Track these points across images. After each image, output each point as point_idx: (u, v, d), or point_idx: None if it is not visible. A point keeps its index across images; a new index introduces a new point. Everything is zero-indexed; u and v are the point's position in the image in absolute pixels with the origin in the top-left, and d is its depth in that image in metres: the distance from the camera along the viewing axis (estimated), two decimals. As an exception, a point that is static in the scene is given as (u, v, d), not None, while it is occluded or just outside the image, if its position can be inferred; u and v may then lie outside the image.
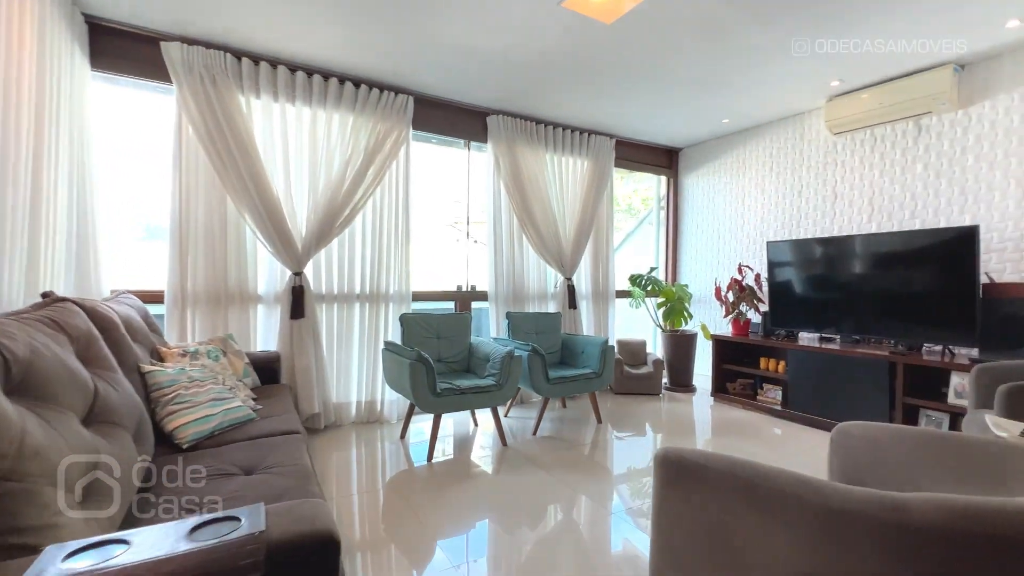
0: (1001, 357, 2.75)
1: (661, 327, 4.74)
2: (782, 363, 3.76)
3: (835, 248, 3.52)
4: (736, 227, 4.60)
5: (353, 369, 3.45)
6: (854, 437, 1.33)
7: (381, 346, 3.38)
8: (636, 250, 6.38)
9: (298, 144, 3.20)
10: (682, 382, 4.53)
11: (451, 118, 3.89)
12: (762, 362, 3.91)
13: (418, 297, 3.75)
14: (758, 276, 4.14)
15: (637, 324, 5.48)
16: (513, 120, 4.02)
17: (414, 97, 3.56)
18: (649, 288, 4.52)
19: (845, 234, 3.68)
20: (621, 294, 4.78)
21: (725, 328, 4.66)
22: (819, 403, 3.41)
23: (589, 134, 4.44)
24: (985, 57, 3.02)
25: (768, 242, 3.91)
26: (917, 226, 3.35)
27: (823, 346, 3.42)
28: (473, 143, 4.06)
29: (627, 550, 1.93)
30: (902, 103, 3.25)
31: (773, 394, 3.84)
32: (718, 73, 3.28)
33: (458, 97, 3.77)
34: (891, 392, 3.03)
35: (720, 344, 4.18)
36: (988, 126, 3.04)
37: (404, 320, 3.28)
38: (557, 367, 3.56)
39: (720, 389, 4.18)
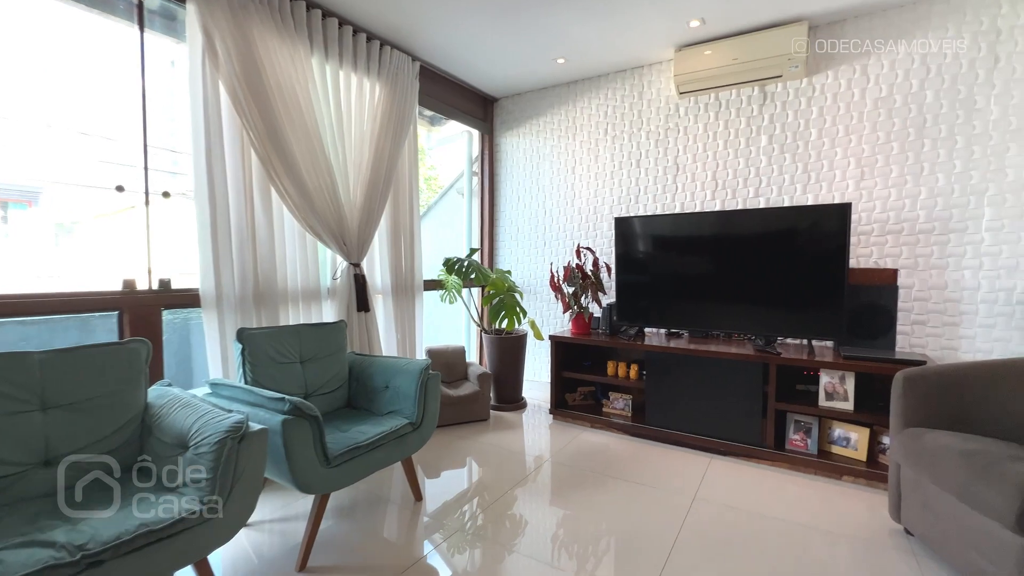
0: (855, 349, 2.52)
1: (483, 328, 3.63)
2: (634, 367, 3.08)
3: (693, 227, 2.96)
4: (566, 201, 3.80)
5: None
6: None
7: None
8: (434, 228, 5.13)
9: None
10: (511, 397, 3.52)
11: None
12: (609, 367, 3.17)
13: (10, 310, 1.66)
14: (596, 261, 3.39)
15: (444, 324, 4.27)
16: (244, -24, 2.20)
17: None
18: (473, 276, 3.33)
19: (695, 211, 3.19)
20: (430, 285, 3.46)
21: (558, 324, 3.85)
22: (680, 415, 2.82)
23: (383, 44, 2.92)
24: (832, 19, 2.76)
25: (616, 218, 3.17)
26: (761, 204, 3.03)
27: (688, 347, 2.83)
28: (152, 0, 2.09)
29: None
30: (755, 62, 2.81)
31: (620, 404, 3.15)
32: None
33: None
34: (764, 398, 2.59)
35: (559, 347, 3.30)
36: (831, 99, 2.82)
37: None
38: (341, 422, 2.03)
39: (560, 404, 3.32)
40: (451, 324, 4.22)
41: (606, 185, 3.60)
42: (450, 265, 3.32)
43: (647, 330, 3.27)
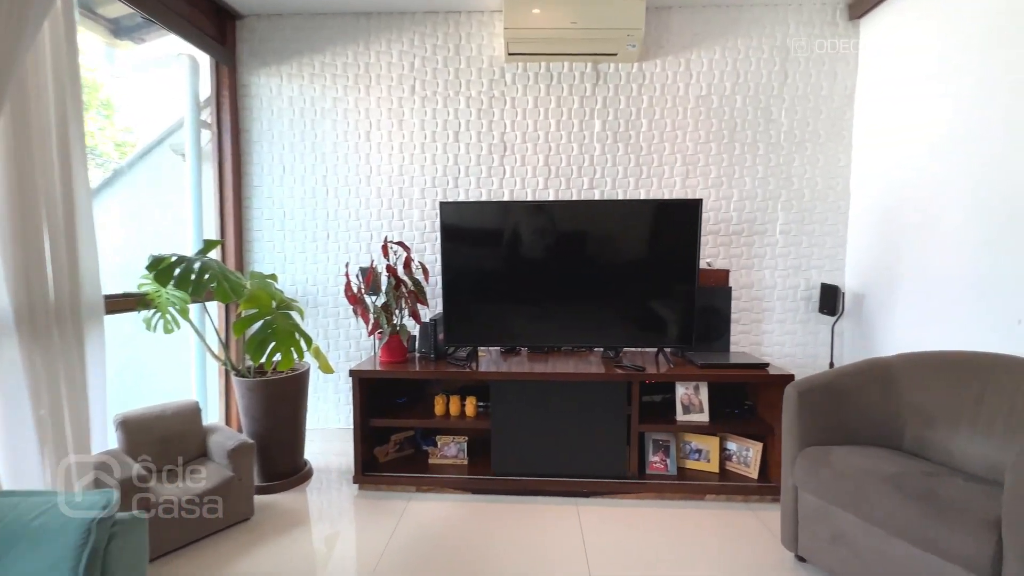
0: (699, 354, 2.40)
1: (235, 368, 2.30)
2: (470, 401, 2.34)
3: (538, 218, 2.39)
4: (360, 177, 2.77)
5: None
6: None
7: None
8: (127, 206, 3.26)
9: None
10: (289, 468, 2.33)
11: None
12: (437, 403, 2.36)
13: None
14: (409, 261, 2.51)
15: (157, 366, 2.70)
16: None
17: None
18: (214, 286, 1.98)
19: (534, 199, 2.65)
20: (121, 304, 1.97)
21: (353, 348, 2.82)
22: (534, 456, 2.24)
23: None
24: (664, 3, 2.59)
25: (443, 203, 2.36)
26: (596, 197, 2.71)
27: (542, 370, 2.25)
28: None
29: None
30: (594, 31, 2.43)
31: (454, 450, 2.39)
32: None
33: None
34: (627, 421, 2.22)
35: (366, 386, 2.30)
36: (659, 90, 2.67)
37: None
38: None
39: (368, 465, 2.33)
40: (172, 364, 2.65)
41: (416, 160, 2.75)
42: (164, 269, 1.91)
43: (479, 350, 2.59)
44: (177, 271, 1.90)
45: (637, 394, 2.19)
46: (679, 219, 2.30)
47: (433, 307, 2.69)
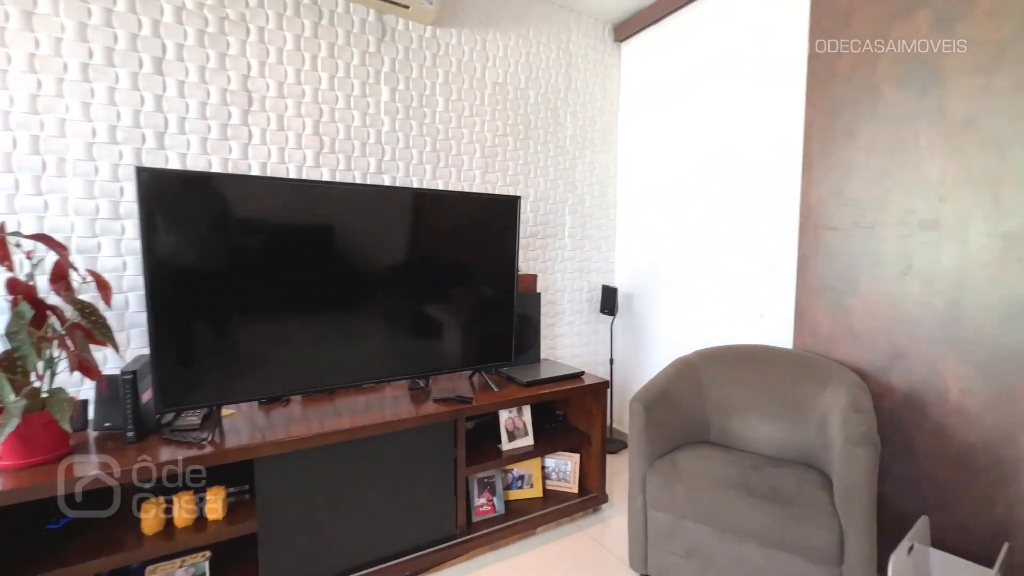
0: (512, 368, 2.18)
1: None
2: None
3: (314, 206, 1.66)
4: (-80, 105, 1.40)
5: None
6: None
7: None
8: None
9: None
10: None
11: None
12: (147, 516, 1.36)
13: None
14: (64, 268, 1.38)
15: None
16: None
17: None
18: None
19: (299, 177, 1.83)
20: None
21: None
22: (333, 549, 1.54)
23: None
24: (460, -35, 2.22)
25: (140, 169, 1.34)
26: (386, 182, 2.14)
27: (333, 425, 1.54)
28: None
29: None
30: (383, -32, 1.87)
31: (183, 581, 1.45)
32: None
33: None
34: (454, 467, 1.77)
35: (-42, 526, 1.12)
36: (456, 66, 2.29)
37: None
38: None
39: None
40: None
41: (73, 91, 1.57)
42: None
43: (225, 409, 1.67)
44: None
45: (463, 432, 1.78)
46: (496, 218, 1.99)
47: (125, 347, 1.60)
